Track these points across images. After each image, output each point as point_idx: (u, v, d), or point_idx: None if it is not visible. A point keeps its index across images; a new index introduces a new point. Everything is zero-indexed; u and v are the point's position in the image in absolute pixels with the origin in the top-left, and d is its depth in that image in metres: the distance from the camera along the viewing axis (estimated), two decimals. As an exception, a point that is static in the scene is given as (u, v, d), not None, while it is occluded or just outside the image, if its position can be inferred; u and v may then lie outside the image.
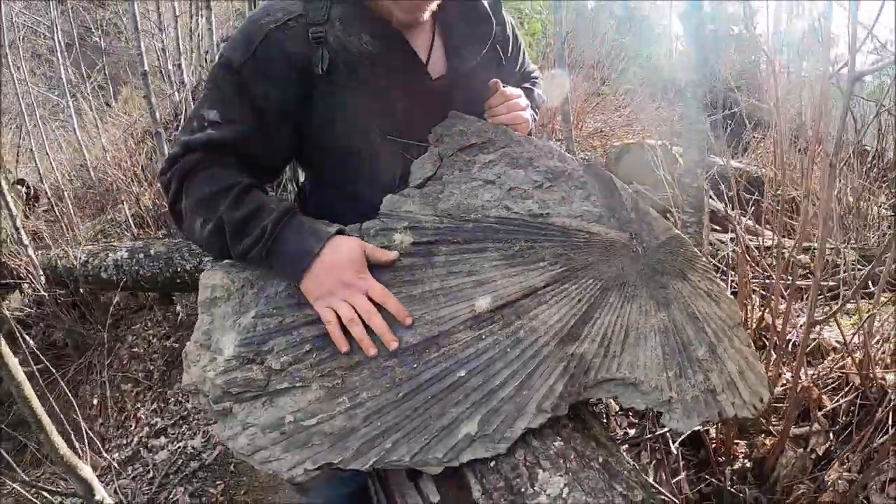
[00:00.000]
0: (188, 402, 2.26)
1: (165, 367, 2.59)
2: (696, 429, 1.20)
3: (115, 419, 2.51)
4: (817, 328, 1.25)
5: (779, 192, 1.46)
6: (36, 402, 1.12)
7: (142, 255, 2.49)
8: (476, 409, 0.70)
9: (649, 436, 1.21)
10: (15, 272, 2.84)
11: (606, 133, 3.24)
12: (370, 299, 0.73)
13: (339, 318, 0.72)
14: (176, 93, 3.53)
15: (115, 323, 3.08)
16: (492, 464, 0.71)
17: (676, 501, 0.98)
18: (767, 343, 1.21)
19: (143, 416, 2.40)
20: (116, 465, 1.72)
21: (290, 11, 0.79)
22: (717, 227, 2.30)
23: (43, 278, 2.75)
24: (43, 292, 2.71)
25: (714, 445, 1.14)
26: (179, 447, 1.79)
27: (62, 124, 4.37)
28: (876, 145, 2.41)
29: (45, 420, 1.13)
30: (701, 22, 1.49)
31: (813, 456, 1.02)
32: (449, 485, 0.73)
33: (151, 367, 2.66)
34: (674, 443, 1.17)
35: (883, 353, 1.14)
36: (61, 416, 1.47)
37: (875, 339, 1.15)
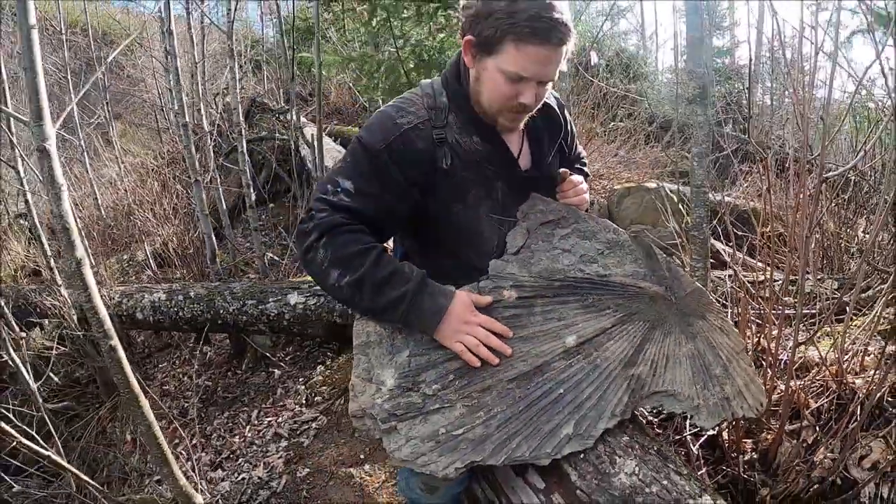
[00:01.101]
0: (233, 437, 2.51)
1: (201, 403, 2.83)
2: (712, 433, 1.56)
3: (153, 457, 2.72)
4: (802, 348, 1.62)
5: (766, 228, 1.85)
6: (162, 440, 1.40)
7: (181, 297, 2.75)
8: (571, 416, 1.04)
9: (676, 437, 1.56)
10: (44, 311, 3.05)
11: (606, 176, 3.68)
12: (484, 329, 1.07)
13: (466, 347, 1.05)
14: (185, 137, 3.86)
15: (142, 361, 3.31)
16: (581, 455, 1.04)
17: (707, 482, 1.32)
18: (764, 362, 1.58)
19: (184, 452, 2.63)
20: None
21: (420, 116, 1.11)
22: (714, 261, 2.71)
23: (75, 317, 2.97)
24: (76, 331, 2.93)
25: (727, 444, 1.50)
26: (243, 478, 2.05)
27: (70, 160, 4.59)
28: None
29: (170, 456, 1.41)
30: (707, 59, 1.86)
31: (804, 445, 1.38)
32: (551, 474, 1.06)
33: (186, 405, 2.89)
34: (693, 445, 1.52)
35: (854, 364, 1.52)
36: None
37: (847, 355, 1.53)
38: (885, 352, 1.45)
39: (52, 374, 3.06)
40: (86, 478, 1.58)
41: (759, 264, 2.23)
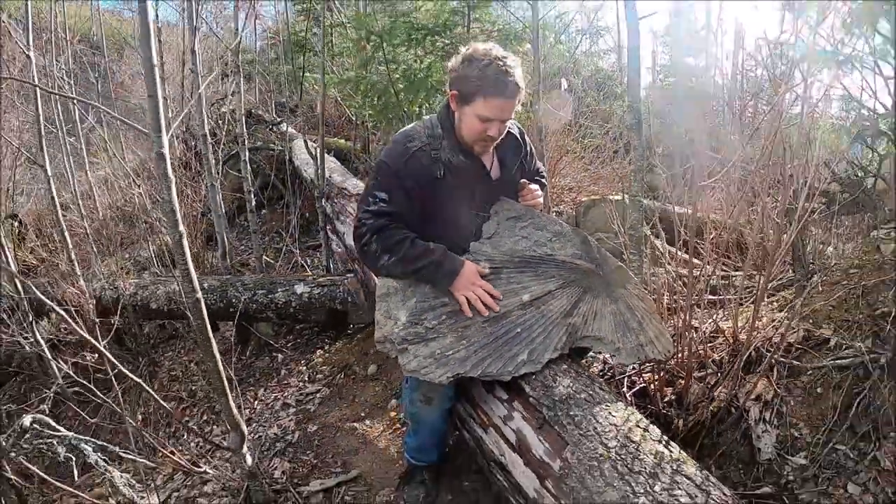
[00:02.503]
0: (243, 410, 2.99)
1: (209, 385, 3.30)
2: (642, 385, 2.14)
3: (165, 431, 3.18)
4: (716, 319, 2.23)
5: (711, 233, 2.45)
6: (223, 374, 1.90)
7: (194, 288, 3.23)
8: (525, 347, 1.60)
9: (616, 390, 2.13)
10: (61, 301, 3.49)
11: (575, 189, 4.30)
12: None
13: (468, 300, 1.62)
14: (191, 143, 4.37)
15: (149, 350, 3.76)
16: (533, 375, 1.60)
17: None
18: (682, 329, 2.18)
19: (196, 427, 3.09)
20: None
21: (423, 142, 1.69)
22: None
23: (90, 307, 3.42)
24: (94, 319, 3.38)
25: (652, 391, 2.07)
26: (259, 436, 2.54)
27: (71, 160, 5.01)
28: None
29: (227, 388, 1.91)
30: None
31: (708, 386, 1.96)
32: (511, 389, 1.62)
33: (194, 388, 3.36)
34: (627, 393, 2.10)
35: (746, 329, 2.13)
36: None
37: (742, 323, 2.13)
38: (757, 315, 2.03)
39: (60, 362, 3.49)
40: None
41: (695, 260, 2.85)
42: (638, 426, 1.48)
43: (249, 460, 1.92)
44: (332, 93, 5.29)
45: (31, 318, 3.20)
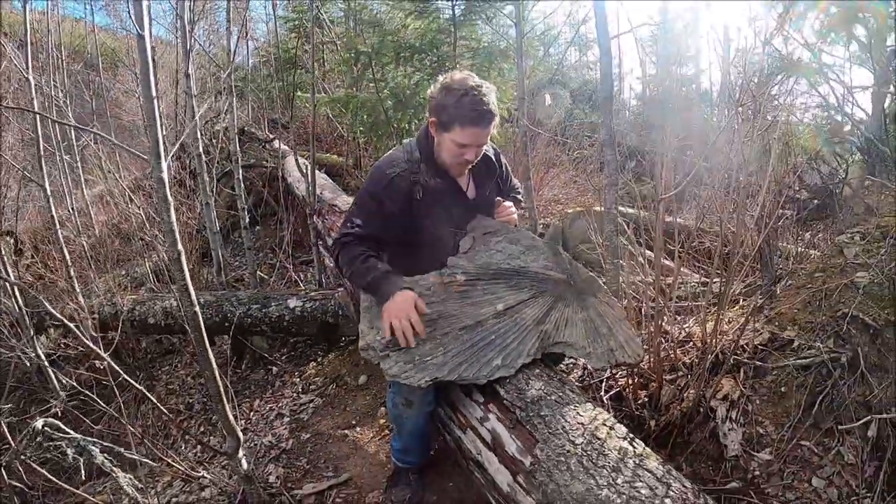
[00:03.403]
0: (238, 421, 3.10)
1: (206, 398, 3.42)
2: (617, 389, 2.26)
3: (164, 442, 3.29)
4: (686, 323, 2.36)
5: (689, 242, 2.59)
6: (220, 382, 2.02)
7: (190, 304, 3.37)
8: (500, 353, 1.73)
9: (592, 396, 2.25)
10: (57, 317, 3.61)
11: (562, 201, 4.45)
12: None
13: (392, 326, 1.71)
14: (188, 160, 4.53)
15: (145, 365, 3.88)
16: (507, 379, 1.73)
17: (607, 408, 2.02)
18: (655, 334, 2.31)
19: (194, 438, 3.20)
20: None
21: (402, 167, 1.84)
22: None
23: (90, 322, 3.54)
24: (94, 334, 3.49)
25: (627, 394, 2.20)
26: (255, 444, 2.65)
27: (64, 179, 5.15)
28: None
29: (224, 395, 2.04)
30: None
31: (679, 388, 2.09)
32: (487, 392, 1.75)
33: (191, 400, 3.48)
34: (604, 396, 2.22)
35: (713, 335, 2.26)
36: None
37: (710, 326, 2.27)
38: (720, 319, 2.17)
39: (60, 376, 3.60)
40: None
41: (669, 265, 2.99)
42: (604, 424, 1.60)
43: (245, 465, 2.03)
44: (324, 110, 5.46)
45: (31, 333, 3.32)
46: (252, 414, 3.04)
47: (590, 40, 8.85)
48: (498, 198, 2.03)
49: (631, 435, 1.60)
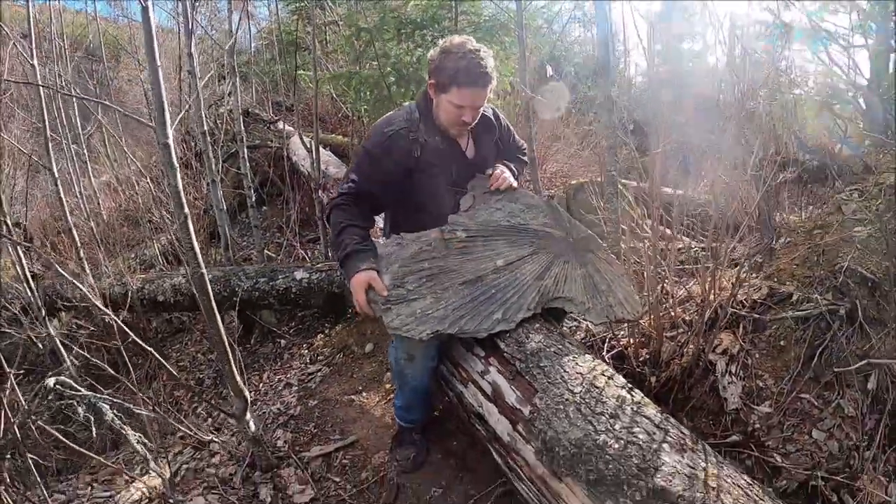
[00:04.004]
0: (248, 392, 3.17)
1: (216, 374, 3.50)
2: (619, 348, 2.29)
3: (174, 417, 3.37)
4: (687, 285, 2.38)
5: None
6: (227, 342, 2.08)
7: (198, 280, 3.43)
8: (500, 307, 1.76)
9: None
10: (69, 299, 3.70)
11: (566, 173, 4.46)
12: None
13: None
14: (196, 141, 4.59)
15: (155, 345, 3.96)
16: (507, 333, 1.76)
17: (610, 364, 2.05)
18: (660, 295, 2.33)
19: (204, 412, 3.28)
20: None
21: (401, 125, 1.88)
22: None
23: (100, 303, 3.62)
24: (102, 314, 3.57)
25: (629, 353, 2.23)
26: (264, 412, 2.72)
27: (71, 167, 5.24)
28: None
29: (231, 356, 2.09)
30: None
31: (679, 344, 2.11)
32: (487, 346, 1.79)
33: (202, 376, 3.56)
34: (607, 354, 2.25)
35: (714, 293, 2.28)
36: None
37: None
38: (716, 273, 2.18)
39: (73, 359, 3.69)
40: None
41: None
42: (603, 374, 1.63)
43: (253, 427, 2.10)
44: (328, 89, 5.47)
45: (43, 314, 3.40)
46: (261, 385, 3.11)
47: (593, 17, 8.76)
48: (488, 170, 2.05)
49: (629, 385, 1.64)
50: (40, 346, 3.62)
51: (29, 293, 3.40)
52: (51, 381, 1.56)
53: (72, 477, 2.54)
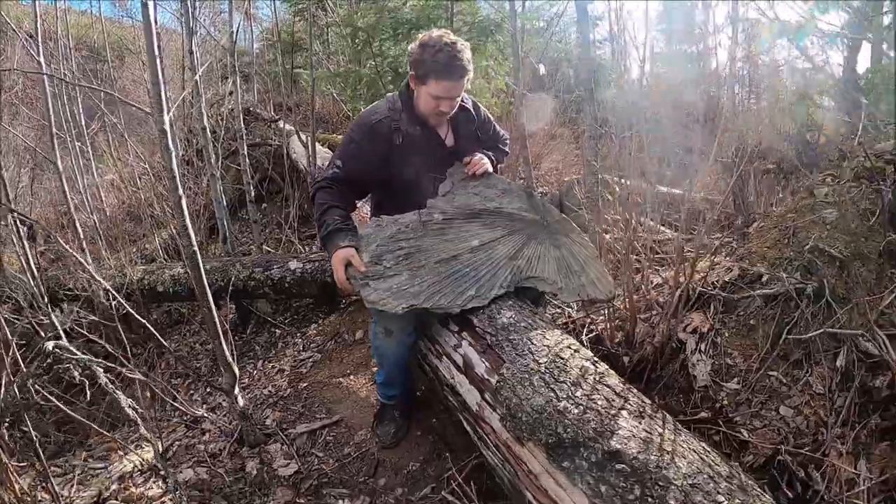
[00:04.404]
0: (243, 378, 3.28)
1: (212, 362, 3.61)
2: (596, 332, 2.38)
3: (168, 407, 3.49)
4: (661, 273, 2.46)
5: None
6: (217, 321, 2.19)
7: (196, 271, 3.56)
8: (474, 284, 1.86)
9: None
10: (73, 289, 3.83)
11: (561, 171, 4.56)
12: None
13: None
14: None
15: (154, 337, 4.09)
16: (480, 309, 1.86)
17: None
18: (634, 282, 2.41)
19: (200, 398, 3.40)
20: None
21: (384, 114, 1.99)
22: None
23: (102, 293, 3.75)
24: (105, 302, 3.70)
25: (605, 335, 2.31)
26: (256, 394, 2.83)
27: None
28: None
29: (220, 330, 2.20)
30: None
31: (652, 325, 2.20)
32: (461, 322, 1.88)
33: (198, 365, 3.67)
34: (585, 337, 2.34)
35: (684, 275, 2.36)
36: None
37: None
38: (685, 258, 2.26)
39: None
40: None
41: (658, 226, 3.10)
42: (569, 347, 1.72)
43: (241, 402, 2.20)
44: (330, 91, 5.63)
45: (46, 300, 3.54)
46: (255, 371, 3.22)
47: (595, 19, 8.87)
48: (466, 158, 2.15)
49: (595, 357, 1.73)
50: (42, 334, 3.75)
51: (32, 283, 3.54)
52: (49, 345, 1.67)
53: (68, 454, 2.66)
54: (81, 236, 3.74)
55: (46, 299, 3.59)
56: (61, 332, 3.49)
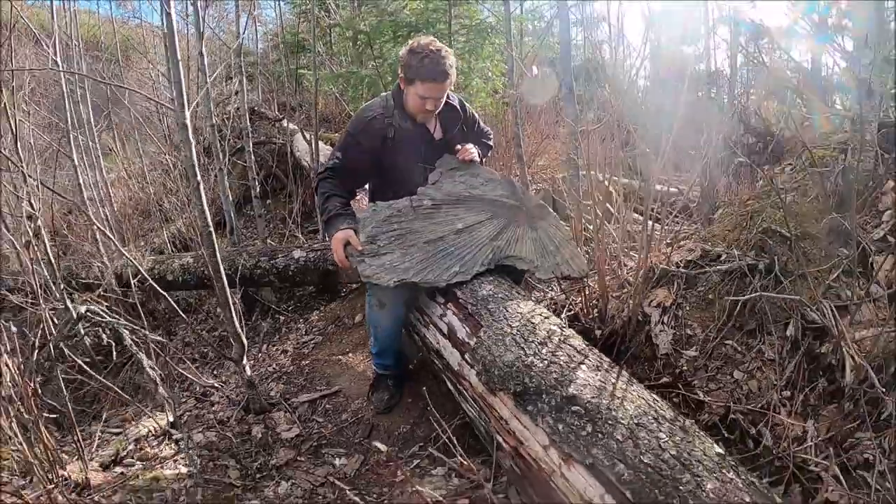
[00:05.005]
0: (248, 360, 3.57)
1: (219, 346, 3.90)
2: (572, 311, 2.66)
3: (179, 387, 3.78)
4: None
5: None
6: (227, 288, 2.47)
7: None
8: (458, 261, 2.14)
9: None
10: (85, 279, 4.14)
11: (555, 168, 4.83)
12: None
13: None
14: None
15: (163, 324, 4.39)
16: (464, 284, 2.14)
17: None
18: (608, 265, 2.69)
19: (210, 372, 3.68)
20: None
21: (378, 111, 2.27)
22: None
23: (113, 280, 4.05)
24: (116, 290, 4.00)
25: (581, 312, 2.58)
26: (260, 372, 3.12)
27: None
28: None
29: (231, 304, 2.48)
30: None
31: (623, 301, 2.47)
32: (447, 295, 2.16)
33: (206, 350, 3.97)
34: (563, 315, 2.62)
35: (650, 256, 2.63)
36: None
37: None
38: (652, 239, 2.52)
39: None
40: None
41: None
42: (540, 315, 1.99)
43: (248, 371, 2.49)
44: (333, 91, 5.93)
45: (62, 286, 3.84)
46: (260, 354, 3.51)
47: (594, 19, 9.17)
48: (458, 146, 2.43)
49: (563, 324, 2.00)
50: (55, 321, 4.06)
51: (46, 273, 3.85)
52: (82, 308, 1.96)
53: (84, 426, 2.96)
54: (99, 226, 4.03)
55: (62, 284, 3.91)
56: (74, 315, 3.83)
